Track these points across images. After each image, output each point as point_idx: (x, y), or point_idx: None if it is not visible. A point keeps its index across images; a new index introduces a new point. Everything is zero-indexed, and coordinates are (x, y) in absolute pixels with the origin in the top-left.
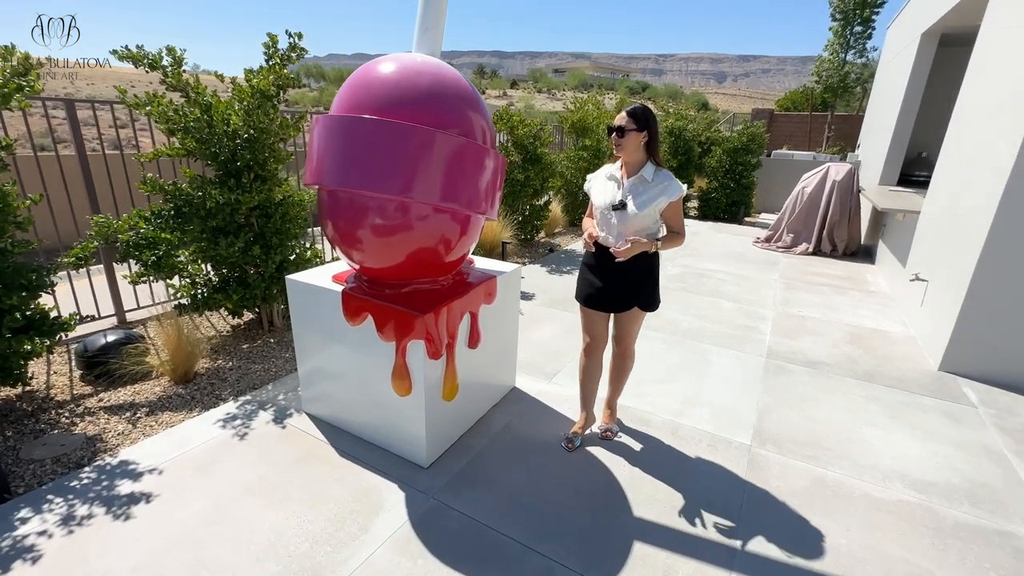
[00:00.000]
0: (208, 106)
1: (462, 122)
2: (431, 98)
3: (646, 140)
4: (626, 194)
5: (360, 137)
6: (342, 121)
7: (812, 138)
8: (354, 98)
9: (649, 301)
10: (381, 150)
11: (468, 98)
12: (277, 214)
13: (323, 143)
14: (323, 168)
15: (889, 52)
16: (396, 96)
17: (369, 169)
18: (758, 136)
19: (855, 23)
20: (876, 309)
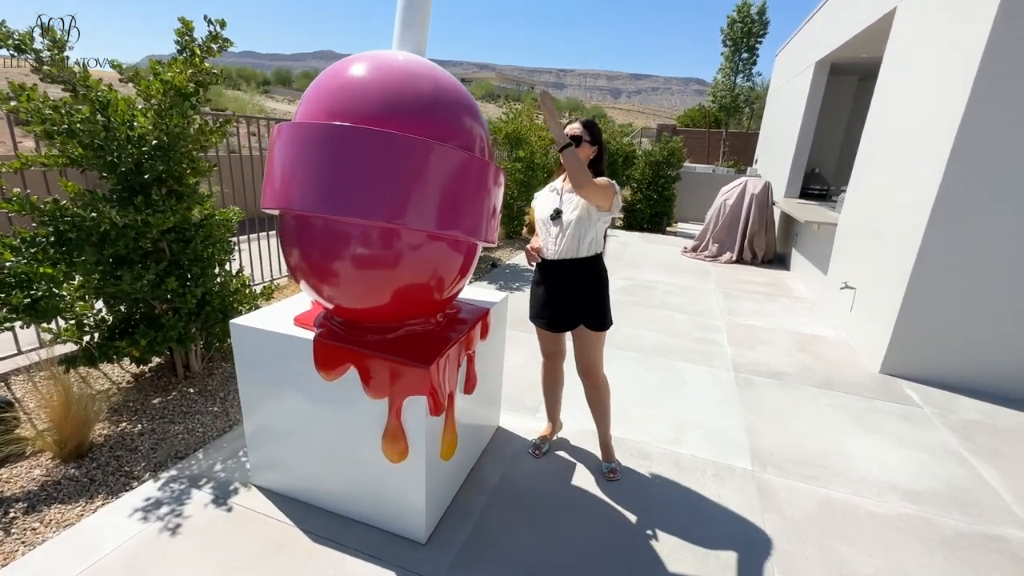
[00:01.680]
0: (105, 103)
1: (463, 134)
2: (433, 107)
3: (594, 154)
4: (563, 204)
5: (348, 152)
6: (324, 131)
7: (710, 152)
8: (331, 103)
9: (596, 319)
10: (374, 168)
11: (469, 106)
12: (198, 238)
13: (292, 158)
14: (291, 189)
15: (779, 77)
16: (392, 103)
17: (356, 191)
18: (677, 151)
19: (742, 50)
20: (807, 315)
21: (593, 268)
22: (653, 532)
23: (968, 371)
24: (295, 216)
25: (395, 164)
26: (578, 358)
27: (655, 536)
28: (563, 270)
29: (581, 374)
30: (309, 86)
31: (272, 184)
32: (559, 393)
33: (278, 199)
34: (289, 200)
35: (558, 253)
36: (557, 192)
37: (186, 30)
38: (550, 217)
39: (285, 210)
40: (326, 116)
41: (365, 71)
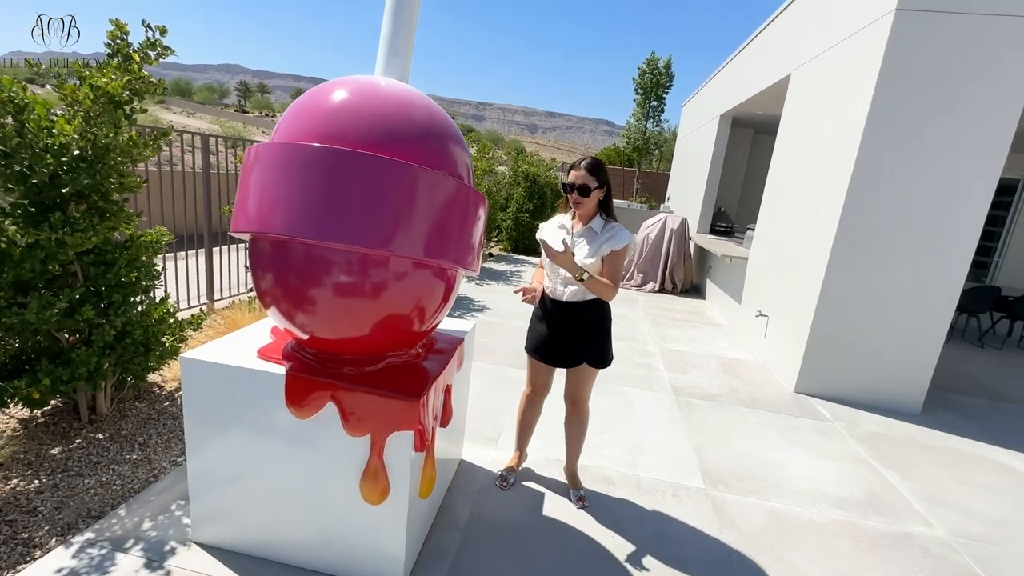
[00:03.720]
0: (21, 106)
1: (453, 163)
2: (427, 135)
3: (603, 196)
4: (573, 244)
5: (344, 176)
6: (319, 155)
7: (624, 189)
8: (322, 127)
9: (599, 357)
10: (369, 193)
11: (457, 136)
12: (121, 261)
13: (276, 180)
14: (274, 213)
15: (686, 125)
16: (387, 129)
17: (348, 217)
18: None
19: (652, 99)
20: (726, 340)
21: (599, 310)
22: (626, 555)
23: (866, 389)
24: (272, 240)
25: (390, 190)
26: (570, 388)
27: (629, 559)
28: (570, 312)
29: (569, 401)
30: (288, 108)
31: (247, 208)
32: (534, 426)
33: (256, 223)
34: (270, 224)
35: (567, 295)
36: (567, 231)
37: (120, 33)
38: None
39: (265, 235)
40: (317, 140)
41: (358, 96)
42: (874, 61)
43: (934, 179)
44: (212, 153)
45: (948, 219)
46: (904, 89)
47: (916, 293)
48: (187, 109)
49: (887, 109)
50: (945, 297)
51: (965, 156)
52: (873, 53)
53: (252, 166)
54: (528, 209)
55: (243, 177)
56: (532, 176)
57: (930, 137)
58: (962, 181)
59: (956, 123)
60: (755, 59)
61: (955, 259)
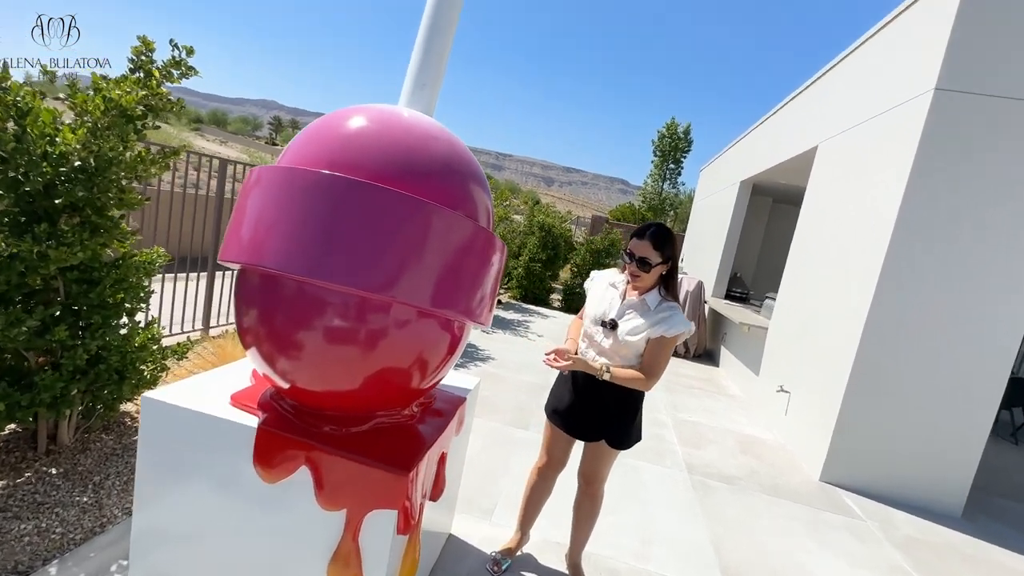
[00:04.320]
0: (24, 111)
1: (472, 204)
2: (446, 171)
3: (666, 271)
4: (621, 313)
5: (350, 208)
6: (325, 182)
7: None
8: (332, 154)
9: (622, 438)
10: (376, 229)
11: (479, 175)
12: (108, 280)
13: (274, 207)
14: (267, 243)
15: (703, 189)
16: (404, 162)
17: (350, 254)
18: (617, 243)
19: (670, 161)
20: (743, 414)
21: (629, 388)
22: None
23: (900, 485)
24: (262, 273)
25: (400, 228)
26: (585, 465)
27: None
28: (597, 381)
29: (582, 479)
30: (299, 133)
31: (240, 234)
32: (542, 505)
33: (248, 253)
34: (261, 255)
35: (596, 364)
36: (619, 293)
37: (145, 49)
38: (602, 323)
39: (255, 266)
40: (326, 167)
41: (376, 124)
42: (910, 140)
43: (975, 265)
44: (236, 180)
45: (992, 308)
46: (942, 170)
47: (957, 385)
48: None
49: (923, 190)
50: (989, 391)
51: (1009, 242)
52: (909, 132)
53: (251, 189)
54: (541, 259)
55: (240, 200)
56: (547, 227)
57: (970, 221)
58: (1007, 268)
59: (998, 209)
60: (779, 129)
61: (1000, 350)
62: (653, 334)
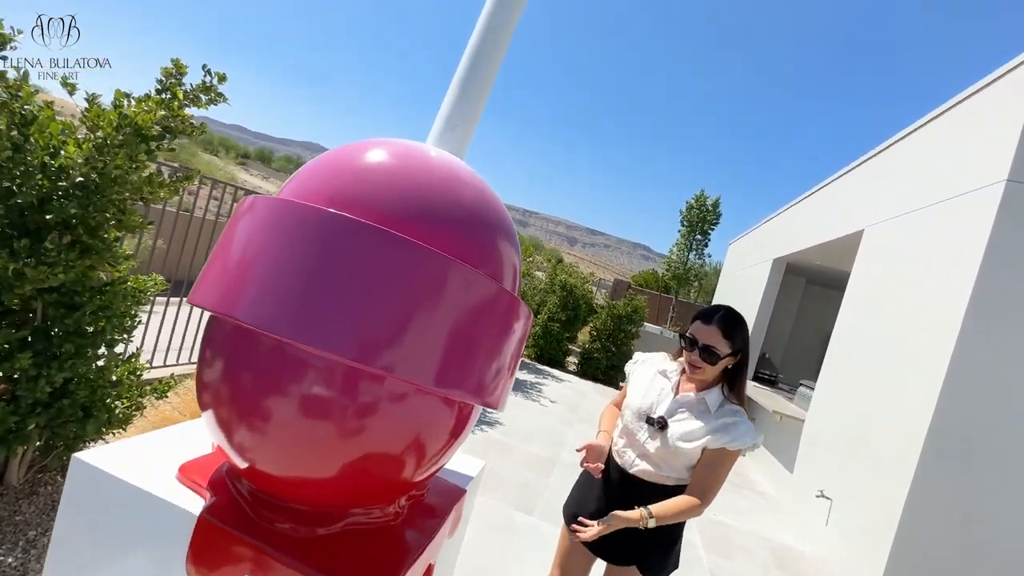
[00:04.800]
0: (28, 119)
1: (498, 262)
2: (472, 222)
3: (734, 364)
4: (672, 411)
5: (346, 255)
6: (320, 219)
7: (659, 314)
8: (337, 188)
9: (659, 565)
10: (376, 286)
11: (510, 231)
12: (90, 306)
13: (258, 246)
14: (244, 288)
15: (731, 263)
16: (422, 206)
17: (340, 315)
18: (640, 309)
19: (697, 232)
20: (775, 516)
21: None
22: None
23: None
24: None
25: (406, 282)
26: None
27: None
28: (638, 491)
29: None
30: (308, 162)
31: (214, 275)
32: None
33: (218, 297)
34: (233, 304)
35: (642, 471)
36: (670, 384)
37: (176, 71)
38: (647, 420)
39: (225, 316)
40: (326, 203)
41: (396, 159)
42: (979, 232)
43: None
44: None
45: None
46: (1018, 267)
47: None
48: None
49: (997, 286)
50: None
51: None
52: (977, 223)
53: (238, 221)
54: (560, 319)
55: (225, 232)
56: (569, 286)
57: None
58: None
59: None
60: (818, 209)
61: None
62: (712, 444)
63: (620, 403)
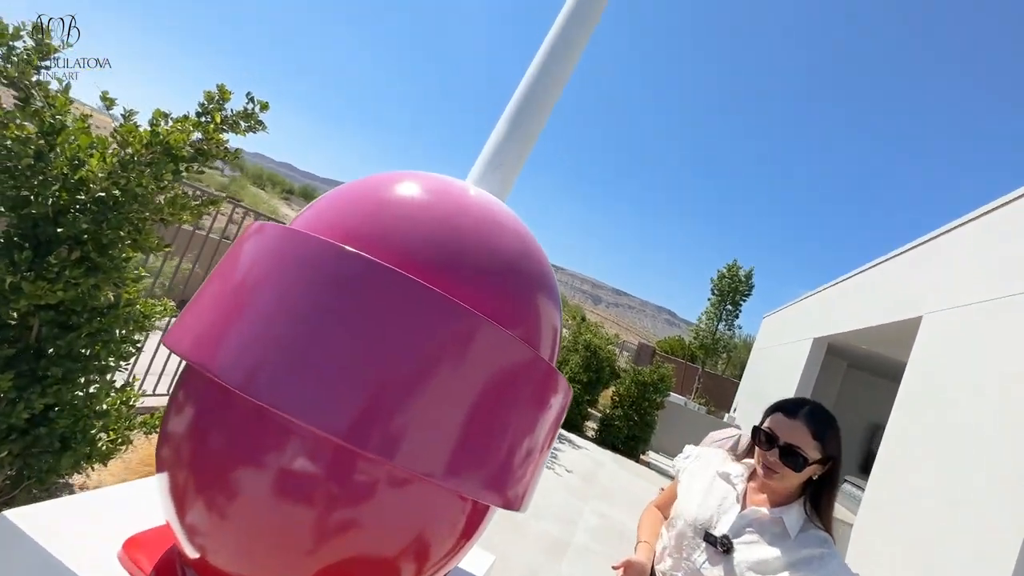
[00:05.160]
0: (56, 128)
1: (532, 323)
2: (510, 274)
3: (821, 474)
4: (739, 529)
5: (344, 300)
6: (313, 253)
7: (684, 385)
8: (356, 222)
9: None
10: (374, 339)
11: (551, 285)
12: (87, 328)
13: (248, 284)
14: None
15: (765, 338)
16: (452, 249)
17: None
18: (667, 379)
19: (727, 302)
20: None
21: None
22: None
23: None
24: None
25: (421, 342)
26: None
27: None
28: None
29: None
30: (328, 192)
31: (197, 311)
32: None
33: (193, 344)
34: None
35: None
36: (735, 493)
37: (220, 96)
38: (706, 537)
39: (198, 367)
40: (340, 237)
41: (429, 195)
42: None
43: None
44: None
45: None
46: None
47: None
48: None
49: None
50: None
51: None
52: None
53: (240, 247)
54: (582, 380)
55: (224, 259)
56: (593, 347)
57: None
58: None
59: None
60: (869, 289)
61: None
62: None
63: (664, 506)
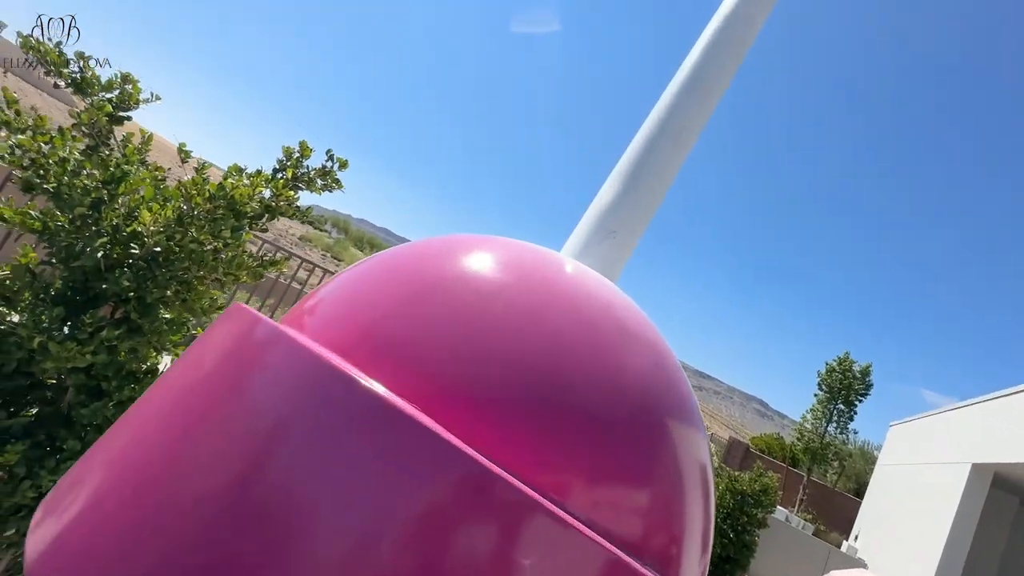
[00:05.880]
0: (119, 177)
1: (677, 524)
2: (638, 427)
3: None
4: None
5: (333, 474)
6: (308, 382)
7: (785, 495)
8: (369, 321)
9: None
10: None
11: (702, 450)
12: (118, 396)
13: (177, 432)
14: (88, 552)
15: (894, 452)
16: (534, 379)
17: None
18: (771, 491)
19: (838, 400)
20: None
21: None
22: None
23: None
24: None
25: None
26: None
27: None
28: None
29: None
30: (353, 265)
31: (66, 493)
32: None
33: (40, 549)
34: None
35: None
36: None
37: (301, 154)
38: None
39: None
40: (350, 345)
41: (498, 274)
42: None
43: None
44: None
45: None
46: None
47: None
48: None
49: None
50: None
51: None
52: None
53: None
54: None
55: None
56: None
57: None
58: None
59: None
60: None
61: None
62: None
63: None
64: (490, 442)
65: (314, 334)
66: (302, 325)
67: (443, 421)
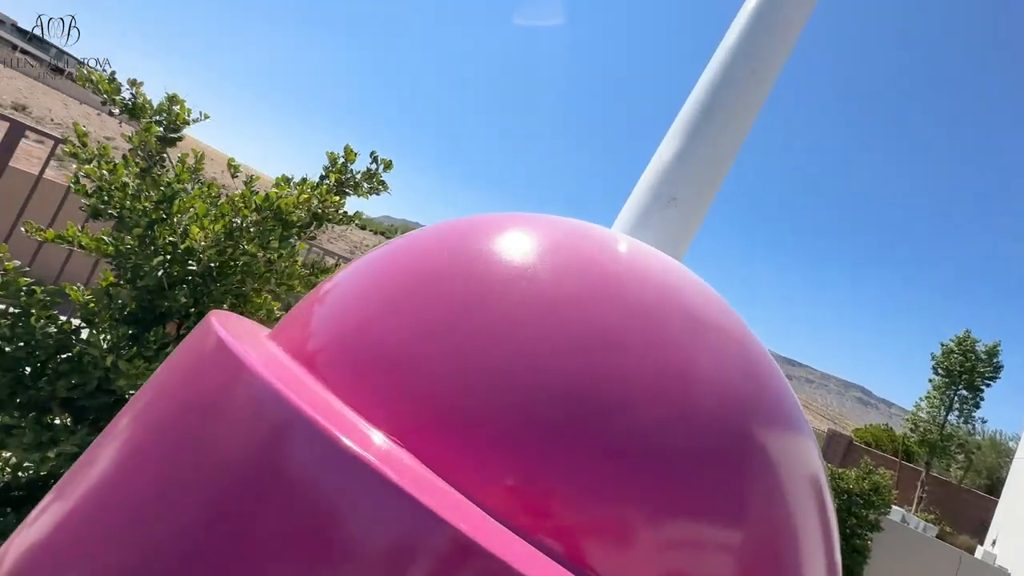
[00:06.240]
0: (170, 196)
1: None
2: (717, 453)
3: None
4: None
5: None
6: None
7: (902, 493)
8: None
9: None
10: None
11: (803, 451)
12: None
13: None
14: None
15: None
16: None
17: None
18: (884, 490)
19: (960, 386)
20: None
21: None
22: None
23: None
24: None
25: None
26: None
27: None
28: None
29: None
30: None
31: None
32: None
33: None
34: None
35: None
36: None
37: (346, 159)
38: None
39: None
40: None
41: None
42: None
43: None
44: None
45: None
46: None
47: None
48: None
49: None
50: None
51: None
52: None
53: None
54: None
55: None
56: None
57: None
58: None
59: None
60: None
61: None
62: None
63: None
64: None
65: (293, 345)
66: (287, 334)
67: (425, 458)
